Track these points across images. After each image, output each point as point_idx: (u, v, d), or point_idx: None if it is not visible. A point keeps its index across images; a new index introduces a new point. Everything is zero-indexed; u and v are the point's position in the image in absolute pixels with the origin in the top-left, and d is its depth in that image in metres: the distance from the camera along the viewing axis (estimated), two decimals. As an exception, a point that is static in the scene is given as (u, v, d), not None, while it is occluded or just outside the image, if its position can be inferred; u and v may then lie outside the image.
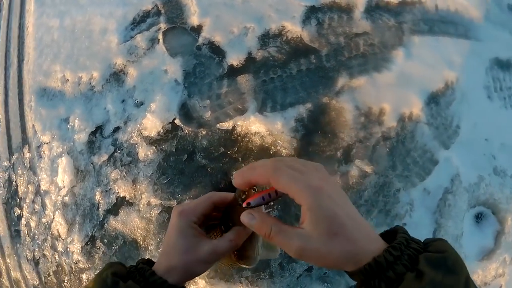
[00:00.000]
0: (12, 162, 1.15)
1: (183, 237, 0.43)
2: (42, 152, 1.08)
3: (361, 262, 0.34)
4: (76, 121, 1.01)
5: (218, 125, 0.87)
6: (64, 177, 1.02)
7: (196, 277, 0.44)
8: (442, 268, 0.33)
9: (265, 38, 0.91)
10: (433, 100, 0.96)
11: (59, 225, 1.03)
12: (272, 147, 0.86)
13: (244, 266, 0.51)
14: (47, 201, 1.06)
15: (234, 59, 0.90)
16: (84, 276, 1.00)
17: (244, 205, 0.38)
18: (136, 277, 0.41)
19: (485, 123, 1.03)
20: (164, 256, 0.45)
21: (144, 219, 0.91)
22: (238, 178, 0.39)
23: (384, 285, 0.33)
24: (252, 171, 0.37)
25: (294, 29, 0.92)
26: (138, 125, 0.92)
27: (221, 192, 0.47)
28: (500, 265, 1.05)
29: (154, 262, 0.44)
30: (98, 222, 0.97)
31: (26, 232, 1.11)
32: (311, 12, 0.93)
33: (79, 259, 1.00)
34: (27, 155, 1.12)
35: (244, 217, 0.38)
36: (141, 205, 0.91)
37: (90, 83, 1.01)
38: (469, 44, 1.07)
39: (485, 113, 1.04)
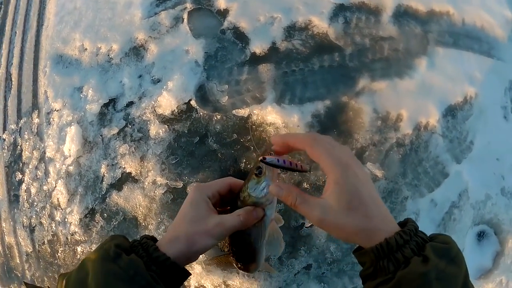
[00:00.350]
0: (20, 126, 1.14)
1: (194, 208, 0.44)
2: (51, 119, 1.07)
3: (372, 239, 0.36)
4: (90, 91, 1.00)
5: (234, 111, 0.86)
6: (71, 146, 1.01)
7: (194, 261, 0.44)
8: (445, 258, 0.35)
9: (291, 30, 0.90)
10: (451, 112, 0.95)
11: (60, 194, 1.01)
12: (286, 140, 0.85)
13: (242, 271, 0.51)
14: (51, 169, 1.05)
15: (258, 47, 0.89)
16: (79, 249, 0.99)
17: (260, 159, 0.41)
18: (139, 252, 0.40)
19: (498, 143, 1.02)
20: (172, 227, 0.45)
21: (148, 197, 0.91)
22: (277, 137, 0.42)
23: (392, 265, 0.35)
24: (292, 135, 0.41)
25: (321, 24, 0.91)
26: (153, 102, 0.91)
27: (236, 179, 0.48)
28: (496, 286, 1.05)
29: (157, 240, 0.43)
30: (100, 196, 0.96)
31: (25, 198, 1.10)
32: (340, 10, 0.93)
33: (76, 231, 0.99)
34: (36, 120, 1.11)
35: (273, 188, 0.41)
36: (146, 183, 0.91)
37: (108, 55, 1.00)
38: (491, 62, 1.07)
39: (499, 132, 1.03)
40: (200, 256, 0.46)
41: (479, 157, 0.99)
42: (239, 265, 0.51)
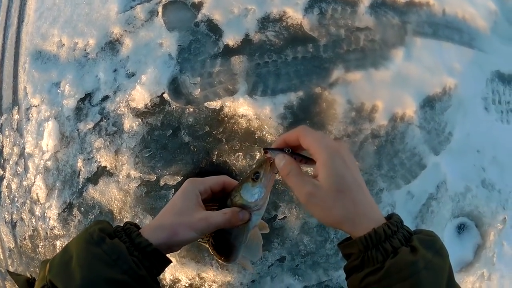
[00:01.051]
0: (1, 122, 1.14)
1: (183, 200, 0.44)
2: (30, 115, 1.07)
3: (358, 225, 0.37)
4: (67, 86, 1.00)
5: (206, 103, 0.86)
6: (48, 141, 1.01)
7: (176, 251, 0.44)
8: (431, 249, 0.36)
9: (265, 22, 0.89)
10: (428, 103, 0.94)
11: (39, 189, 1.02)
12: (258, 132, 0.84)
13: (220, 260, 0.52)
14: (30, 164, 1.05)
15: (231, 39, 0.88)
16: (58, 243, 1.00)
17: (263, 148, 0.44)
18: (122, 237, 0.41)
19: (479, 134, 1.01)
20: (159, 215, 0.45)
21: (122, 190, 0.90)
22: (275, 143, 0.45)
23: (380, 255, 0.35)
24: (287, 132, 0.43)
25: (295, 15, 0.90)
26: (127, 96, 0.91)
27: (233, 179, 0.49)
28: (478, 279, 1.04)
29: (140, 228, 0.44)
30: (77, 190, 0.96)
31: (7, 194, 1.10)
32: (315, 1, 0.92)
33: (55, 225, 0.99)
34: (16, 116, 1.11)
35: (277, 158, 0.43)
36: (121, 177, 0.90)
37: (85, 50, 1.00)
38: (472, 53, 1.06)
39: (480, 124, 1.02)
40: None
41: (459, 149, 0.97)
42: (217, 255, 0.52)
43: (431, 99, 0.95)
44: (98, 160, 0.93)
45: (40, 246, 1.04)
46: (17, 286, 0.44)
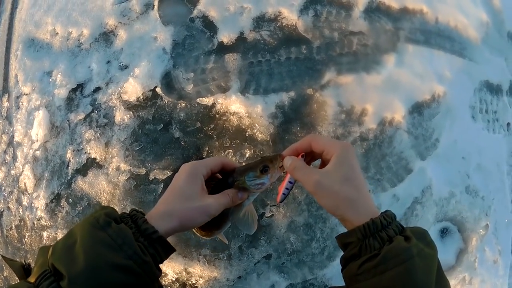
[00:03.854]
0: (-10, 109, 1.13)
1: (190, 184, 0.45)
2: (20, 103, 1.06)
3: (359, 210, 0.41)
4: (59, 76, 0.99)
5: (198, 99, 0.86)
6: (38, 131, 1.00)
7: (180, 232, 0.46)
8: (423, 240, 0.39)
9: (260, 21, 0.90)
10: (417, 109, 0.96)
11: (27, 178, 1.01)
12: (249, 130, 0.85)
13: (200, 235, 0.54)
14: (19, 153, 1.04)
15: (225, 36, 0.89)
16: (45, 234, 0.99)
17: (278, 202, 0.50)
18: (128, 222, 0.41)
19: (465, 142, 1.04)
20: (164, 201, 0.45)
21: (111, 183, 0.90)
22: (285, 151, 0.49)
23: (377, 243, 0.39)
24: (296, 143, 0.48)
25: (291, 16, 0.91)
26: (119, 88, 0.91)
27: (231, 161, 0.52)
28: (459, 283, 1.07)
29: (145, 214, 0.44)
30: (66, 181, 0.95)
31: (-6, 182, 1.09)
32: (311, 3, 0.92)
33: (42, 216, 0.98)
34: (5, 104, 1.09)
35: (286, 159, 0.48)
36: (110, 169, 0.90)
37: (78, 40, 0.99)
38: (462, 62, 1.08)
39: (466, 132, 1.04)
40: None
41: (445, 155, 1.00)
42: (199, 231, 0.54)
43: (420, 105, 0.96)
44: (88, 152, 0.93)
45: (26, 237, 1.03)
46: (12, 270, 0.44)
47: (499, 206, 1.12)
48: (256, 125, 0.85)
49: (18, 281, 0.41)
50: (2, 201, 1.08)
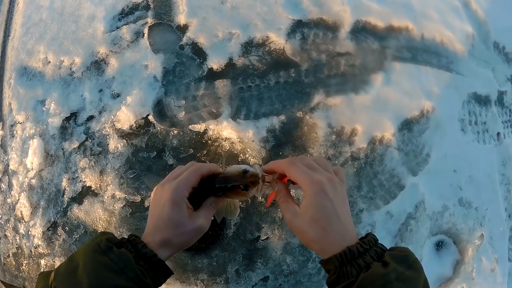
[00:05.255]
0: (-15, 138, 1.13)
1: (177, 211, 0.46)
2: (15, 132, 1.06)
3: (325, 249, 0.42)
4: (52, 104, 1.00)
5: (190, 126, 0.87)
6: (33, 159, 1.01)
7: None
8: (404, 264, 0.39)
9: (248, 46, 0.92)
10: (407, 126, 0.98)
11: (23, 207, 1.01)
12: (241, 155, 0.86)
13: None
14: (14, 182, 1.04)
15: (215, 62, 0.90)
16: (42, 262, 0.99)
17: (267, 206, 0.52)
18: (128, 247, 0.43)
19: (455, 155, 1.05)
20: (157, 230, 0.46)
21: (107, 211, 0.91)
22: (265, 166, 0.51)
23: (355, 270, 0.39)
24: (275, 162, 0.49)
25: (278, 40, 0.93)
26: (112, 117, 0.92)
27: (204, 164, 0.51)
28: (456, 294, 1.07)
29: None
30: (62, 209, 0.96)
31: (-10, 210, 1.09)
32: (297, 26, 0.94)
33: (39, 243, 0.99)
34: (0, 132, 1.10)
35: (274, 183, 0.50)
36: (106, 197, 0.91)
37: (70, 68, 1.00)
38: (449, 76, 1.10)
39: (457, 145, 1.06)
40: None
41: (436, 169, 1.01)
42: None
43: (409, 122, 0.98)
44: (83, 180, 0.93)
45: (24, 264, 1.03)
46: None
47: (493, 216, 1.13)
48: (248, 149, 0.86)
49: None
50: (-1, 228, 1.08)
